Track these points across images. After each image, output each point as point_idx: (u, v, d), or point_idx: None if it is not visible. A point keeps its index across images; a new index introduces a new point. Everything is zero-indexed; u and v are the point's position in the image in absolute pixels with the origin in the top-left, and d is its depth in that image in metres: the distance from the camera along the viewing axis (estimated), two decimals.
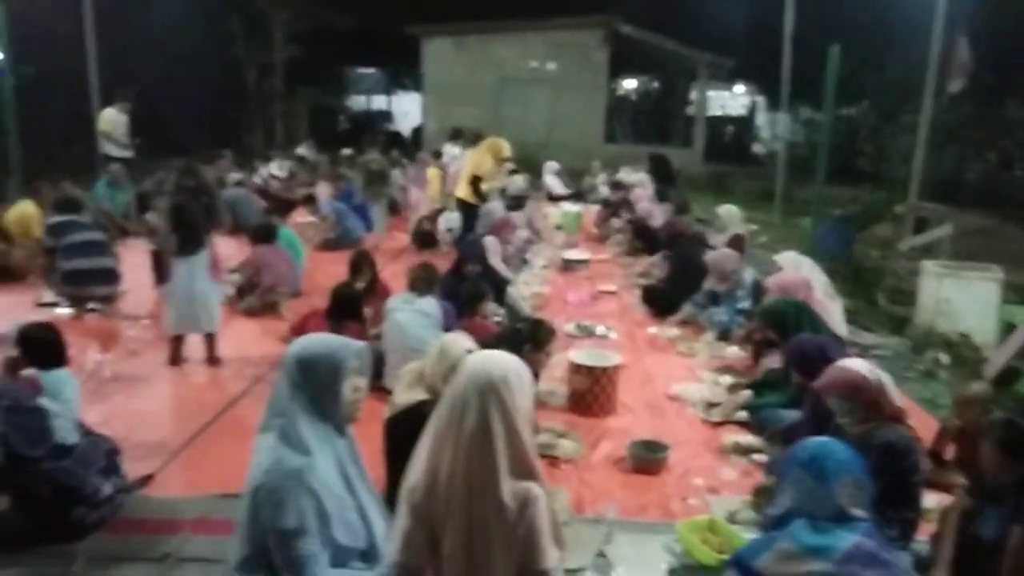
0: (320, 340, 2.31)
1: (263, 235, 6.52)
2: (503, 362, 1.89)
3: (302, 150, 13.92)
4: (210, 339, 5.12)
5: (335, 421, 2.26)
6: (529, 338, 4.43)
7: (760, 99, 27.00)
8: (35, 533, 2.98)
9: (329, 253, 8.56)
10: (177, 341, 5.06)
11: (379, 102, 29.67)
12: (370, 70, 27.96)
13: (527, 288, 7.09)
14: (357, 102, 28.52)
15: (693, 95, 22.46)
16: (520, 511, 1.74)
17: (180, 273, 4.95)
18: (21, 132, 10.60)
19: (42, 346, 3.77)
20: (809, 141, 15.96)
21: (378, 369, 4.34)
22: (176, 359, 5.05)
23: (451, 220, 9.21)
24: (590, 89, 18.85)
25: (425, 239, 9.35)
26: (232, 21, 17.69)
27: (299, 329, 4.93)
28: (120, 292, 6.39)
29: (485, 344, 3.46)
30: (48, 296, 6.39)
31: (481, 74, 18.76)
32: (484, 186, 8.06)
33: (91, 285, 6.07)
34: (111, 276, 6.21)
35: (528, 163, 13.55)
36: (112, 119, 10.38)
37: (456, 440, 1.77)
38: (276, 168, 11.47)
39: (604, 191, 13.48)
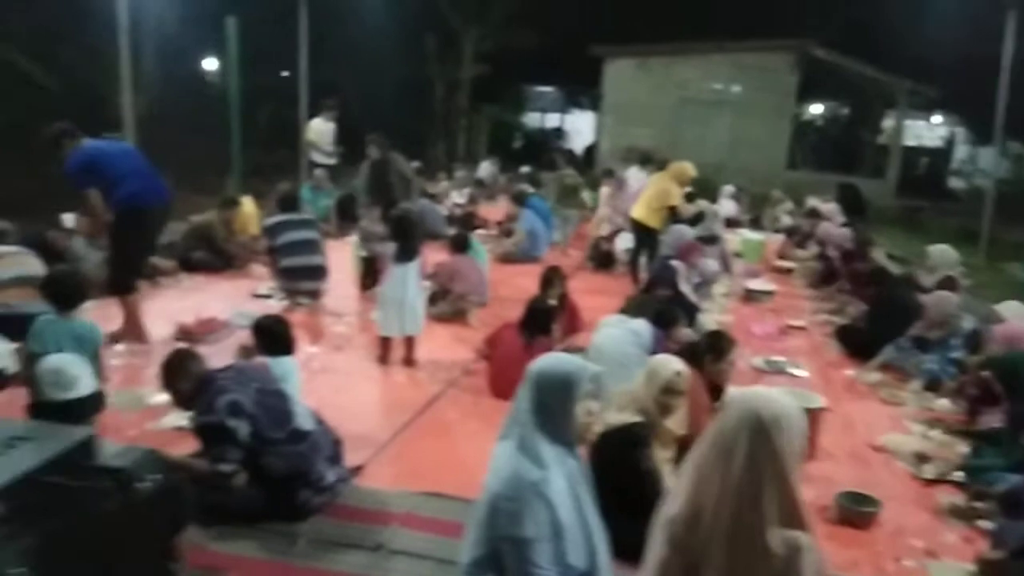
0: (557, 361, 2.34)
1: (458, 244, 6.78)
2: (776, 402, 1.83)
3: (483, 170, 14.31)
4: (410, 341, 5.37)
5: (567, 441, 2.29)
6: (709, 349, 4.32)
7: (959, 130, 24.99)
8: (264, 511, 3.22)
9: (510, 266, 8.78)
10: (387, 341, 5.35)
11: (552, 120, 30.15)
12: (547, 88, 28.45)
13: (707, 316, 6.91)
14: (531, 119, 29.12)
15: (886, 123, 21.16)
16: (788, 561, 1.68)
17: (395, 279, 5.25)
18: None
19: (274, 336, 4.13)
20: (1019, 179, 14.58)
21: None
22: (385, 358, 5.35)
23: (629, 241, 9.18)
24: (775, 113, 18.22)
25: (602, 259, 9.37)
26: (427, 40, 18.65)
27: (492, 340, 5.08)
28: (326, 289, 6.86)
29: None
30: (263, 288, 6.98)
31: (661, 95, 18.62)
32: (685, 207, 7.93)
33: (303, 280, 6.56)
34: (321, 273, 6.68)
35: (705, 186, 13.26)
36: (319, 128, 11.17)
37: (723, 479, 1.74)
38: (458, 196, 11.91)
39: (786, 220, 12.97)
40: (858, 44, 18.33)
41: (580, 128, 28.53)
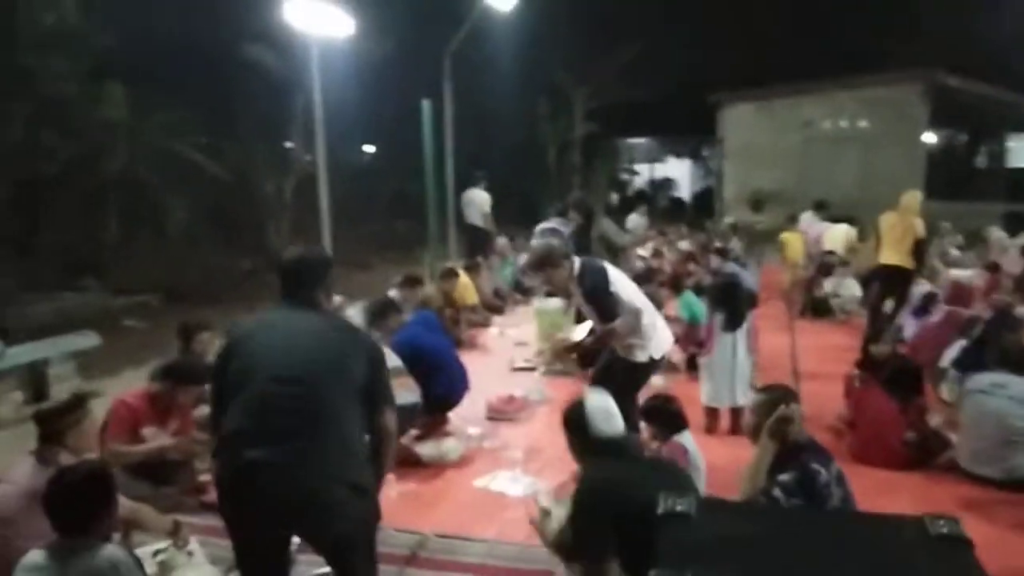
0: None
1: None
2: None
3: (633, 223, 13.97)
4: (737, 412, 5.04)
5: None
6: None
7: None
8: None
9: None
10: (714, 411, 5.07)
11: (642, 171, 30.03)
12: (639, 140, 28.48)
13: None
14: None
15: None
16: None
17: (724, 347, 5.01)
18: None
19: (670, 415, 3.89)
20: None
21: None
22: (713, 429, 5.04)
23: (850, 287, 8.87)
24: (907, 145, 17.65)
25: (818, 307, 9.00)
26: (540, 103, 18.82)
27: (857, 404, 4.72)
28: None
29: None
30: (520, 360, 6.80)
31: (785, 136, 18.31)
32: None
33: None
34: None
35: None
36: (484, 198, 11.09)
37: None
38: (642, 250, 11.58)
39: (955, 253, 12.41)
40: (981, 67, 17.81)
41: (674, 176, 28.53)
